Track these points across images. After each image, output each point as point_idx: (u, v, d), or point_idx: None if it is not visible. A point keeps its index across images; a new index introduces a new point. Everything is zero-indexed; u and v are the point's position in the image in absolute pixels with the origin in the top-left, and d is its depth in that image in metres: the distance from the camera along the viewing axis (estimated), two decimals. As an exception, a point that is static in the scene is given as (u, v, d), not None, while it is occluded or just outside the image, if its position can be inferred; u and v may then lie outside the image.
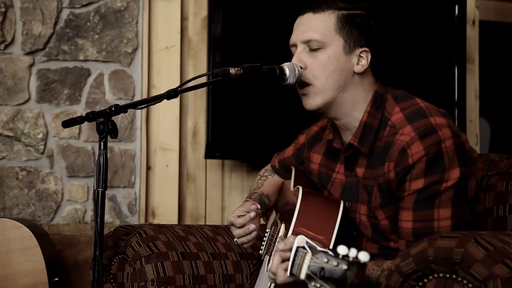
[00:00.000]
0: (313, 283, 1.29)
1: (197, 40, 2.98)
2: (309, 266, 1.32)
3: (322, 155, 1.88)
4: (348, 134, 1.76)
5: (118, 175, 2.89)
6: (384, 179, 1.66)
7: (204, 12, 2.96)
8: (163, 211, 2.93)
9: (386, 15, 1.79)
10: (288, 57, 1.79)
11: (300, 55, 1.72)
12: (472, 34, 3.28)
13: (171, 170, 2.94)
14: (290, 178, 2.00)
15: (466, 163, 1.63)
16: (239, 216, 1.84)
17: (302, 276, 1.33)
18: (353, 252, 1.24)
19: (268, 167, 2.16)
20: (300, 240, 1.40)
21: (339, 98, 1.72)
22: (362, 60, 1.72)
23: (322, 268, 1.28)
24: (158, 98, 1.64)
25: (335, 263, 1.25)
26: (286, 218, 1.83)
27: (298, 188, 1.76)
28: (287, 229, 1.74)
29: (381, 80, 1.79)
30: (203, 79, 1.79)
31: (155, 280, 2.00)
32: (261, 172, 2.14)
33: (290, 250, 1.42)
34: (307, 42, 1.71)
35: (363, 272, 1.24)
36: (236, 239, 1.87)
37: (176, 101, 2.90)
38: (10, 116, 2.80)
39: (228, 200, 3.03)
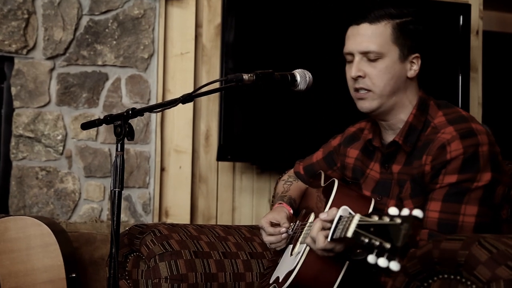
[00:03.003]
0: (361, 238, 1.30)
1: (211, 46, 3.00)
2: (357, 225, 1.34)
3: (359, 151, 1.94)
4: (390, 133, 1.83)
5: (133, 176, 2.91)
6: (419, 171, 1.72)
7: (218, 19, 2.98)
8: (176, 211, 2.94)
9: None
10: (300, 63, 1.84)
11: (359, 64, 1.77)
12: (476, 44, 3.29)
13: (184, 171, 2.96)
14: (313, 184, 2.02)
15: (497, 170, 1.69)
16: (271, 224, 1.88)
17: (349, 234, 1.35)
18: (405, 211, 1.26)
19: (291, 173, 2.18)
20: (344, 210, 1.45)
21: (391, 102, 1.78)
22: (414, 65, 1.79)
23: (372, 225, 1.29)
24: (174, 102, 1.64)
25: (388, 219, 1.27)
26: (315, 211, 1.85)
27: (334, 180, 1.79)
28: (317, 217, 1.77)
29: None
30: (217, 85, 1.80)
31: (168, 277, 2.00)
32: (284, 177, 2.17)
33: (332, 220, 1.46)
34: (365, 53, 1.76)
35: (419, 224, 1.24)
36: (268, 245, 1.91)
37: (189, 105, 2.91)
38: (31, 118, 2.81)
39: (238, 201, 3.05)
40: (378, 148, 1.87)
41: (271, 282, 1.84)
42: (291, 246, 1.88)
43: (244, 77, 1.68)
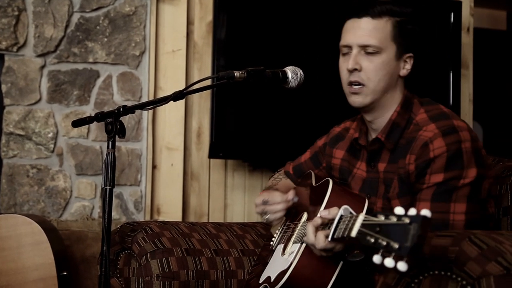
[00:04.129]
0: (367, 238, 1.28)
1: (202, 44, 3.00)
2: (361, 225, 1.32)
3: (345, 151, 1.95)
4: (375, 130, 1.84)
5: (125, 174, 2.90)
6: (404, 171, 1.72)
7: (209, 17, 2.98)
8: (168, 208, 2.94)
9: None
10: (291, 61, 1.83)
11: (357, 57, 1.78)
12: (467, 41, 3.30)
13: (176, 169, 2.96)
14: (301, 184, 2.03)
15: (481, 165, 1.69)
16: (263, 202, 1.89)
17: (353, 233, 1.33)
18: (412, 211, 1.24)
19: (281, 172, 2.20)
20: (345, 209, 1.44)
21: (383, 98, 1.80)
22: (407, 64, 1.81)
23: (378, 225, 1.27)
24: (165, 100, 1.65)
25: (395, 219, 1.25)
26: (307, 210, 1.86)
27: (328, 180, 1.80)
28: (311, 215, 1.77)
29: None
30: (208, 82, 1.80)
31: (160, 275, 2.01)
32: (275, 175, 2.20)
33: (332, 219, 1.45)
34: (364, 47, 1.77)
35: (427, 224, 1.22)
36: (267, 217, 1.90)
37: (181, 103, 2.91)
38: (22, 115, 2.81)
39: (230, 198, 3.05)
40: (364, 146, 1.87)
41: (261, 281, 1.83)
42: (282, 246, 1.87)
43: (235, 74, 1.68)
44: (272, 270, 1.81)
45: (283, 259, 1.78)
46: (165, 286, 2.01)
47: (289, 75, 1.75)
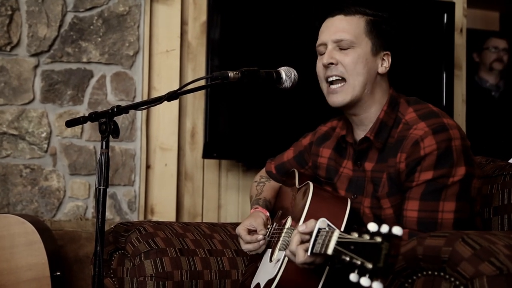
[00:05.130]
0: (342, 257, 1.28)
1: (196, 44, 3.00)
2: (337, 242, 1.32)
3: (332, 149, 1.95)
4: (361, 129, 1.84)
5: (119, 174, 2.90)
6: (394, 170, 1.73)
7: (203, 17, 2.98)
8: (162, 208, 2.94)
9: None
10: (285, 61, 1.84)
11: (331, 52, 1.79)
12: (460, 41, 3.31)
13: (170, 169, 2.96)
14: (286, 183, 2.03)
15: (470, 164, 1.70)
16: (249, 231, 1.89)
17: (329, 251, 1.33)
18: (385, 228, 1.24)
19: (263, 173, 2.19)
20: (322, 222, 1.43)
21: (363, 96, 1.80)
22: (385, 62, 1.81)
23: (352, 243, 1.27)
24: (159, 100, 1.65)
25: (368, 237, 1.25)
26: (292, 214, 1.85)
27: (309, 183, 1.79)
28: (295, 221, 1.76)
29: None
30: (202, 82, 1.81)
31: (153, 275, 2.00)
32: (257, 178, 2.18)
33: (310, 233, 1.45)
34: (338, 42, 1.79)
35: (399, 244, 1.23)
36: (244, 248, 1.91)
37: (175, 103, 2.91)
38: (15, 115, 2.80)
39: (224, 198, 3.05)
40: (351, 144, 1.88)
41: None
42: (270, 250, 1.88)
43: (229, 74, 1.68)
44: (261, 277, 1.82)
45: (270, 266, 1.79)
46: (159, 286, 2.01)
47: (283, 75, 1.76)
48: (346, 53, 1.78)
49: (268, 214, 1.97)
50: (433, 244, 1.38)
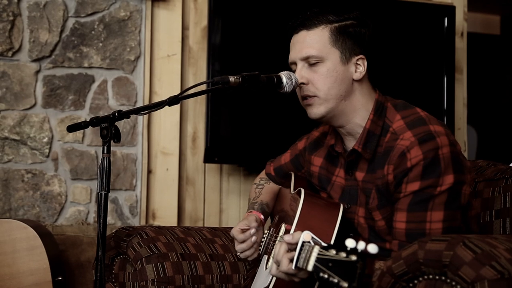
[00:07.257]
0: (320, 274, 1.28)
1: (197, 48, 3.00)
2: (316, 259, 1.32)
3: (323, 158, 1.92)
4: (350, 139, 1.81)
5: (120, 178, 2.90)
6: (383, 182, 1.70)
7: (204, 22, 2.99)
8: (163, 213, 2.94)
9: (374, 21, 1.83)
10: (285, 66, 1.82)
11: (301, 71, 1.77)
12: (461, 45, 3.32)
13: (171, 173, 2.96)
14: (285, 185, 2.02)
15: (460, 171, 1.67)
16: (242, 230, 1.86)
17: (310, 267, 1.33)
18: (361, 245, 1.24)
19: (263, 175, 2.19)
20: (306, 235, 1.42)
21: (341, 106, 1.76)
22: (359, 67, 1.77)
23: (330, 260, 1.27)
24: (160, 105, 1.65)
25: (344, 255, 1.25)
26: (287, 220, 1.85)
27: (300, 190, 1.78)
28: (288, 228, 1.76)
29: (379, 89, 1.84)
30: (203, 87, 1.80)
31: (155, 280, 2.01)
32: (256, 180, 2.17)
33: (296, 244, 1.43)
34: (305, 59, 1.76)
35: (373, 263, 1.24)
36: (239, 254, 1.88)
37: (176, 107, 2.91)
38: (17, 120, 2.80)
39: (225, 203, 3.06)
40: (341, 153, 1.85)
41: None
42: (266, 257, 1.88)
43: (230, 79, 1.68)
44: (257, 284, 1.82)
45: (265, 274, 1.78)
46: (161, 291, 2.01)
47: (284, 80, 1.75)
48: (315, 70, 1.75)
49: (262, 217, 1.96)
50: (434, 248, 1.38)
